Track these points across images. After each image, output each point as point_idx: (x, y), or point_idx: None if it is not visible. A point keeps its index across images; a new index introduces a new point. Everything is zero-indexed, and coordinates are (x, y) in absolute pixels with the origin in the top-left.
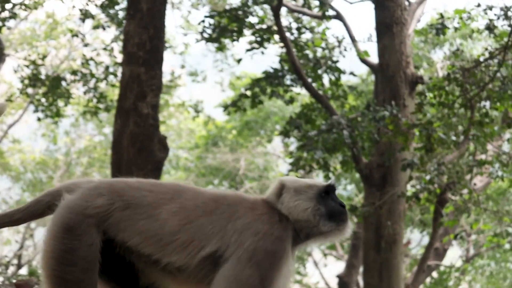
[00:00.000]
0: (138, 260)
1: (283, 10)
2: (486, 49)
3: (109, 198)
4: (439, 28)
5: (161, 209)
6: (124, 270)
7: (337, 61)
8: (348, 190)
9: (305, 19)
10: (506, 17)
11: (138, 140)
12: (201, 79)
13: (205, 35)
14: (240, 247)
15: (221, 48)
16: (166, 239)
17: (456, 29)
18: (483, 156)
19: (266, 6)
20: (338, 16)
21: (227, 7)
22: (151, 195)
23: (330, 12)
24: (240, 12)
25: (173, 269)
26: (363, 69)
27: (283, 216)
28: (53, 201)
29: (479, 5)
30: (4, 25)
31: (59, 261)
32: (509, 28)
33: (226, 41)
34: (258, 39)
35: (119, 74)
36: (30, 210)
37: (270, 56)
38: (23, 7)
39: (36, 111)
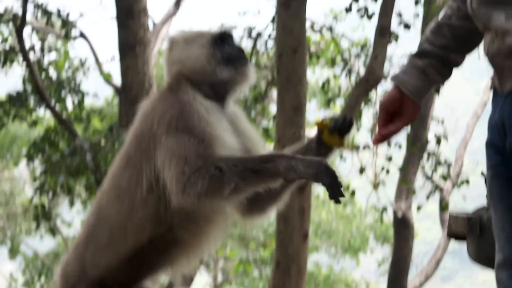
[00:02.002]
0: None
1: (29, 29)
2: None
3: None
4: None
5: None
6: None
7: (79, 83)
8: None
9: (52, 39)
10: None
11: None
12: None
13: None
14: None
15: None
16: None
17: None
18: None
19: (11, 26)
20: (83, 36)
21: None
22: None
23: (75, 32)
24: None
25: None
26: (110, 91)
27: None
28: None
29: None
30: None
31: None
32: None
33: None
34: (2, 59)
35: None
36: None
37: (16, 77)
38: None
39: None
